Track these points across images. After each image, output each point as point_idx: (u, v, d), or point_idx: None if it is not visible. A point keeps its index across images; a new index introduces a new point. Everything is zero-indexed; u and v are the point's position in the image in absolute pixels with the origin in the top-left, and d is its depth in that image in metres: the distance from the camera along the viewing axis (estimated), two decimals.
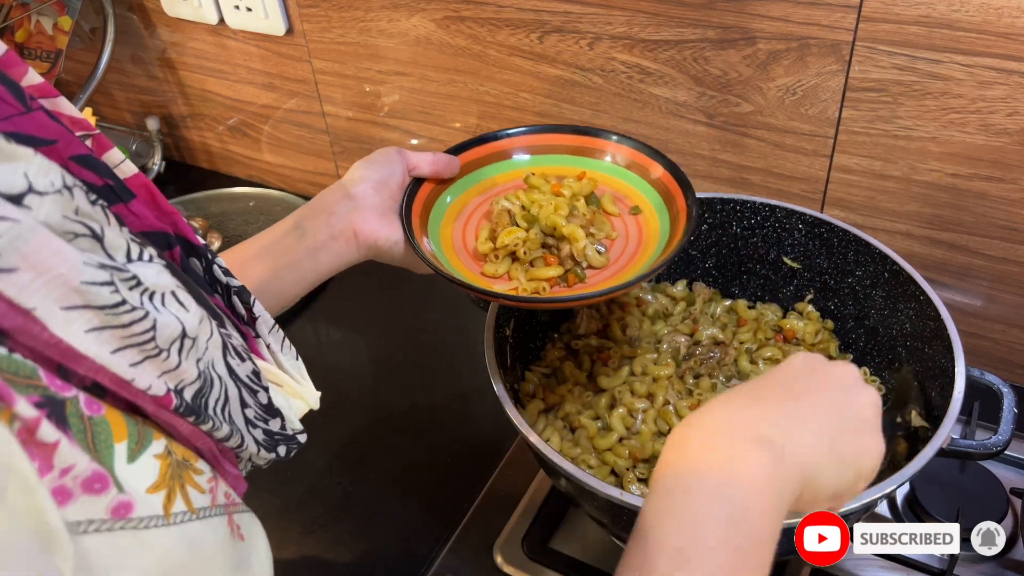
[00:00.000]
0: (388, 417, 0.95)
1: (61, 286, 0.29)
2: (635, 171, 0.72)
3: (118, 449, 0.31)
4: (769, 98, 0.85)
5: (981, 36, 0.71)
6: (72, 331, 0.29)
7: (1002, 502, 0.76)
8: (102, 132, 0.42)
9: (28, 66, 0.37)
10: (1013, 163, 0.77)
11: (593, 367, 0.80)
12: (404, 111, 1.11)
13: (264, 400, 0.44)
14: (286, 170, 1.31)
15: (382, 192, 0.65)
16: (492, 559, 0.78)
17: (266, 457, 0.44)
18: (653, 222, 0.69)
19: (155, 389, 0.33)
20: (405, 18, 1.01)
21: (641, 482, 0.70)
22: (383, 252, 0.65)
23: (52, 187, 0.30)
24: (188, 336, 0.35)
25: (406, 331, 1.06)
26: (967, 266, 0.85)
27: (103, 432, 0.30)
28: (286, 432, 0.46)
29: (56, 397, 0.28)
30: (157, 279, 0.34)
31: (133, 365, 0.32)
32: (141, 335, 0.32)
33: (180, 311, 0.35)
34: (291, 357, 0.50)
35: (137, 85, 1.35)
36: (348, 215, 0.63)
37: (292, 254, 0.62)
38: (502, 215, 0.68)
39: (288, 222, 0.63)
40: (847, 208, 0.88)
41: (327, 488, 0.87)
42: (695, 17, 0.83)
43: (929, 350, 0.69)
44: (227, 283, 0.45)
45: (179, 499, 0.33)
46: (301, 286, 0.63)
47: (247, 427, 0.42)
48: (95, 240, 0.32)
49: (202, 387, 0.37)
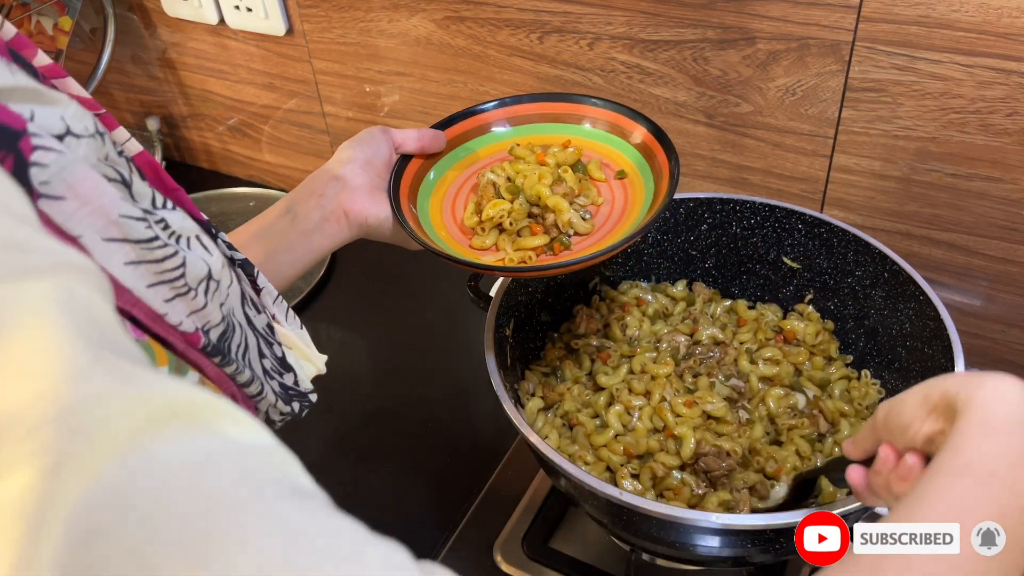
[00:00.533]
0: (388, 417, 0.95)
1: (102, 217, 0.30)
2: (618, 134, 0.72)
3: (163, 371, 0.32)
4: (769, 98, 0.85)
5: (981, 36, 0.71)
6: (113, 262, 0.31)
7: None
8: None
9: (37, 48, 0.38)
10: (1013, 163, 0.77)
11: (593, 366, 0.80)
12: (404, 111, 1.11)
13: (279, 353, 0.45)
14: (286, 170, 1.31)
15: (369, 171, 0.66)
16: (492, 559, 0.78)
17: (282, 410, 0.45)
18: (639, 185, 0.69)
19: (185, 326, 0.34)
20: (405, 18, 1.01)
21: (634, 478, 0.70)
22: (373, 229, 0.65)
23: (87, 131, 0.32)
24: (213, 278, 0.37)
25: (406, 331, 1.06)
26: (967, 266, 0.85)
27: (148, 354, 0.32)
28: (299, 388, 0.47)
29: None
30: (183, 223, 0.36)
31: (166, 301, 0.33)
32: (173, 271, 0.34)
33: (205, 254, 0.37)
34: (296, 327, 0.51)
35: (137, 85, 1.35)
36: (337, 196, 0.64)
37: (285, 237, 0.62)
38: (487, 188, 0.68)
39: (279, 206, 0.64)
40: (847, 208, 0.88)
41: (327, 487, 0.86)
42: (695, 17, 0.83)
43: (929, 350, 0.69)
44: (231, 256, 0.46)
45: None
46: (296, 268, 0.64)
47: (265, 376, 0.43)
48: (124, 186, 0.34)
49: (225, 330, 0.38)
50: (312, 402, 0.49)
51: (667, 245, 0.86)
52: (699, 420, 0.72)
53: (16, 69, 0.30)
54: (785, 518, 0.56)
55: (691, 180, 0.96)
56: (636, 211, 0.67)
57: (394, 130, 0.69)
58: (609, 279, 0.88)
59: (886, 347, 0.76)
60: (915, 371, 0.71)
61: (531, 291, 0.80)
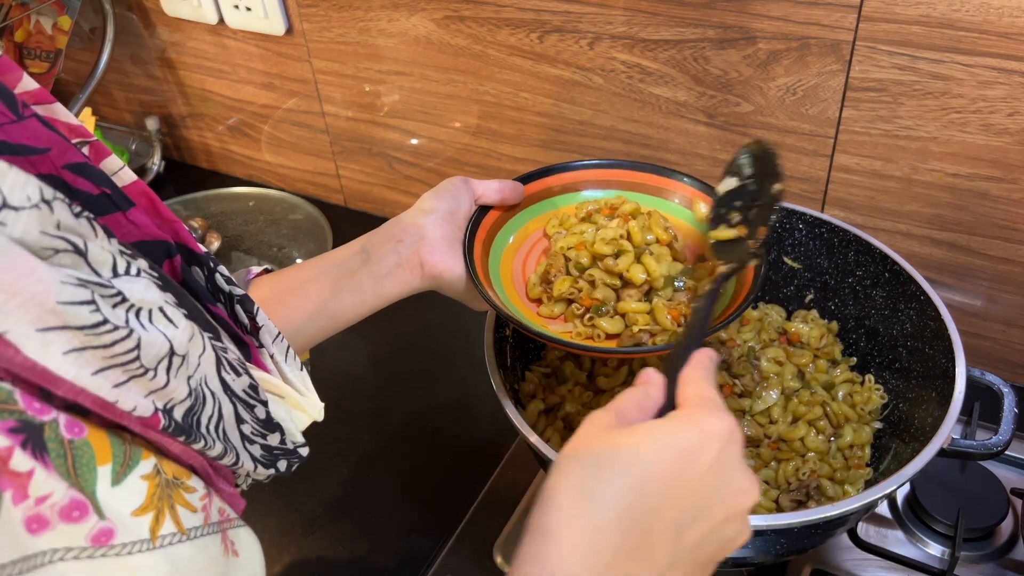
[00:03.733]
0: (388, 417, 0.95)
1: (36, 307, 0.27)
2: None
3: (101, 472, 0.30)
4: (769, 98, 0.84)
5: (981, 36, 0.71)
6: (49, 353, 0.28)
7: (1002, 502, 0.76)
8: (102, 132, 0.41)
9: (23, 71, 0.36)
10: (1013, 163, 0.77)
11: (593, 367, 0.80)
12: (404, 111, 1.11)
13: (262, 415, 0.42)
14: (286, 170, 1.31)
15: (451, 223, 0.64)
16: (492, 559, 0.78)
17: (264, 473, 0.43)
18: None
19: (141, 410, 0.32)
20: (405, 18, 1.01)
21: None
22: (446, 284, 0.63)
23: (28, 201, 0.28)
24: (176, 354, 0.34)
25: (406, 331, 1.06)
26: (967, 266, 0.85)
27: (85, 455, 0.29)
28: (286, 446, 0.45)
29: (33, 421, 0.28)
30: (144, 295, 0.33)
31: (117, 386, 0.31)
32: (124, 355, 0.31)
33: (168, 328, 0.34)
34: (295, 368, 0.49)
35: (137, 85, 1.35)
36: (416, 244, 0.62)
37: (355, 277, 0.61)
38: (557, 258, 0.65)
39: (354, 246, 0.62)
40: (847, 208, 0.88)
41: (327, 488, 0.87)
42: (695, 17, 0.83)
43: (929, 350, 0.69)
44: (230, 292, 0.45)
45: (168, 520, 0.32)
46: (360, 310, 0.62)
47: (243, 443, 0.41)
48: (78, 255, 0.30)
49: (193, 405, 0.35)
50: (303, 457, 0.47)
51: None
52: None
53: None
54: (785, 518, 0.56)
55: None
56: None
57: (475, 181, 0.67)
58: None
59: (887, 347, 0.76)
60: (916, 371, 0.71)
61: None
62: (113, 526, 0.30)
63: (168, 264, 0.42)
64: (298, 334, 0.59)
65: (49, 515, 0.27)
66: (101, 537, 0.29)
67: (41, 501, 0.27)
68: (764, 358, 0.79)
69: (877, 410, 0.75)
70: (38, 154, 0.35)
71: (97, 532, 0.29)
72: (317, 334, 0.61)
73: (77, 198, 0.37)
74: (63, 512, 0.28)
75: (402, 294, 0.63)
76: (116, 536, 0.29)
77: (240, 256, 1.19)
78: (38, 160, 0.35)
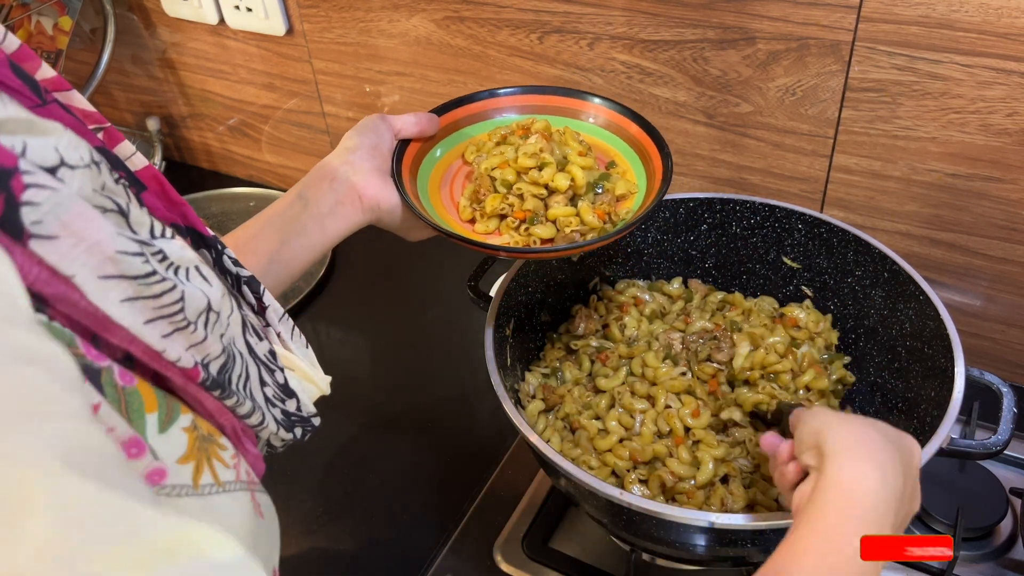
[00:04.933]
0: (388, 417, 0.95)
1: (98, 254, 0.29)
2: (613, 130, 0.73)
3: (149, 419, 0.31)
4: (769, 98, 0.85)
5: (981, 36, 0.71)
6: (109, 300, 0.30)
7: (1002, 502, 0.76)
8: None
9: (41, 60, 0.37)
10: (1012, 163, 0.77)
11: (593, 367, 0.80)
12: (404, 111, 1.11)
13: (281, 380, 0.45)
14: (286, 170, 1.31)
15: (377, 156, 0.66)
16: (492, 559, 0.78)
17: (284, 437, 0.44)
18: (629, 173, 0.71)
19: (184, 361, 0.33)
20: (405, 18, 1.01)
21: (642, 483, 0.70)
22: (385, 214, 0.66)
23: (82, 161, 0.30)
24: (213, 310, 0.36)
25: (406, 331, 1.06)
26: (967, 266, 0.85)
27: (136, 402, 0.31)
28: (301, 414, 0.46)
29: (93, 366, 0.29)
30: (182, 253, 0.35)
31: (164, 336, 0.32)
32: (171, 306, 0.33)
33: (204, 285, 0.36)
34: (301, 345, 0.50)
35: (137, 85, 1.35)
36: (350, 179, 0.64)
37: (298, 222, 0.62)
38: (483, 179, 0.69)
39: (291, 194, 0.64)
40: (847, 208, 0.88)
41: (327, 487, 0.87)
42: (695, 17, 0.83)
43: (929, 350, 0.69)
44: (237, 273, 0.46)
45: (207, 471, 0.34)
46: (310, 254, 0.63)
47: (267, 405, 0.42)
48: (121, 216, 0.33)
49: (226, 362, 0.37)
50: (315, 426, 0.48)
51: (667, 245, 0.86)
52: (705, 432, 0.72)
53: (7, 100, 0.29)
54: (785, 518, 0.56)
55: (691, 180, 0.96)
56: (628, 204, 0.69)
57: (392, 117, 0.70)
58: (609, 279, 0.88)
59: (886, 347, 0.76)
60: (915, 371, 0.71)
61: (531, 291, 0.80)
62: (165, 467, 0.31)
63: None
64: None
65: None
66: (155, 476, 0.30)
67: (109, 431, 0.28)
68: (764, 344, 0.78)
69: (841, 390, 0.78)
70: None
71: (152, 470, 0.30)
72: (273, 284, 0.62)
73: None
74: (125, 446, 0.29)
75: (346, 231, 0.65)
76: (168, 477, 0.31)
77: None
78: None
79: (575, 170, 0.67)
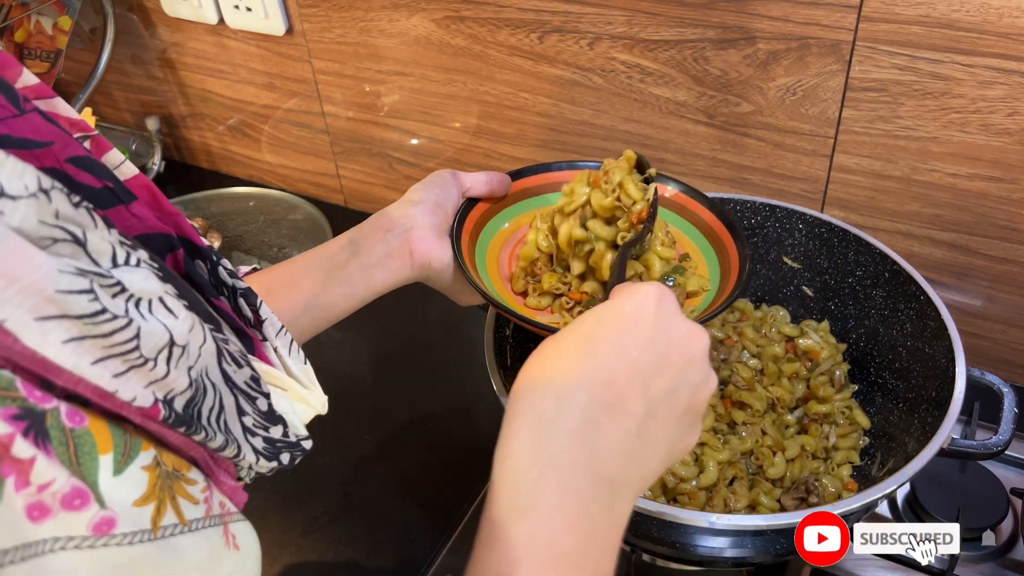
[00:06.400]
0: (388, 417, 0.95)
1: (35, 295, 0.27)
2: (688, 217, 0.69)
3: (103, 461, 0.30)
4: (769, 98, 0.85)
5: (981, 36, 0.71)
6: (48, 342, 0.28)
7: (1002, 502, 0.76)
8: (102, 132, 0.41)
9: (23, 67, 0.36)
10: (1013, 163, 0.77)
11: None
12: (404, 111, 1.11)
13: (264, 407, 0.42)
14: (286, 170, 1.31)
15: (439, 213, 0.64)
16: None
17: (267, 466, 0.43)
18: (702, 267, 0.67)
19: (141, 400, 0.31)
20: (405, 18, 1.01)
21: None
22: (435, 273, 0.64)
23: (26, 190, 0.28)
24: (177, 344, 0.34)
25: (406, 331, 1.06)
26: (967, 266, 0.85)
27: (87, 444, 0.29)
28: (288, 439, 0.44)
29: (35, 409, 0.27)
30: (143, 284, 0.33)
31: (117, 376, 0.30)
32: (124, 344, 0.31)
33: (168, 318, 0.34)
34: (299, 361, 0.49)
35: (137, 85, 1.35)
36: (405, 233, 0.62)
37: (345, 268, 0.61)
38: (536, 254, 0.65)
39: (343, 239, 0.62)
40: (847, 208, 0.88)
41: (327, 488, 0.87)
42: (695, 17, 0.83)
43: (929, 350, 0.69)
44: (233, 285, 0.45)
45: (169, 511, 0.32)
46: (352, 302, 0.62)
47: (245, 435, 0.40)
48: (77, 245, 0.30)
49: (194, 396, 0.35)
50: (306, 450, 0.46)
51: None
52: (709, 436, 0.72)
53: None
54: (785, 518, 0.56)
55: (691, 180, 0.95)
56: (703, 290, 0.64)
57: (462, 173, 0.67)
58: None
59: (887, 347, 0.76)
60: (916, 371, 0.71)
61: None
62: (115, 515, 0.29)
63: (171, 257, 0.42)
64: (290, 327, 0.58)
65: (51, 503, 0.27)
66: (103, 526, 0.29)
67: (43, 489, 0.27)
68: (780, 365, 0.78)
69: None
70: (41, 147, 0.34)
71: (99, 521, 0.29)
72: (309, 327, 0.61)
73: (80, 191, 0.36)
74: (65, 500, 0.28)
75: (392, 284, 0.63)
76: (118, 526, 0.29)
77: (240, 256, 1.19)
78: (41, 153, 0.35)
79: (652, 260, 0.63)
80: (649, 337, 0.41)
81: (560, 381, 0.40)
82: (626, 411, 0.40)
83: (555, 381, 0.40)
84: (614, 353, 0.41)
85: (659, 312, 0.42)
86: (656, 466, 0.42)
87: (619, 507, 0.40)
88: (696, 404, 0.43)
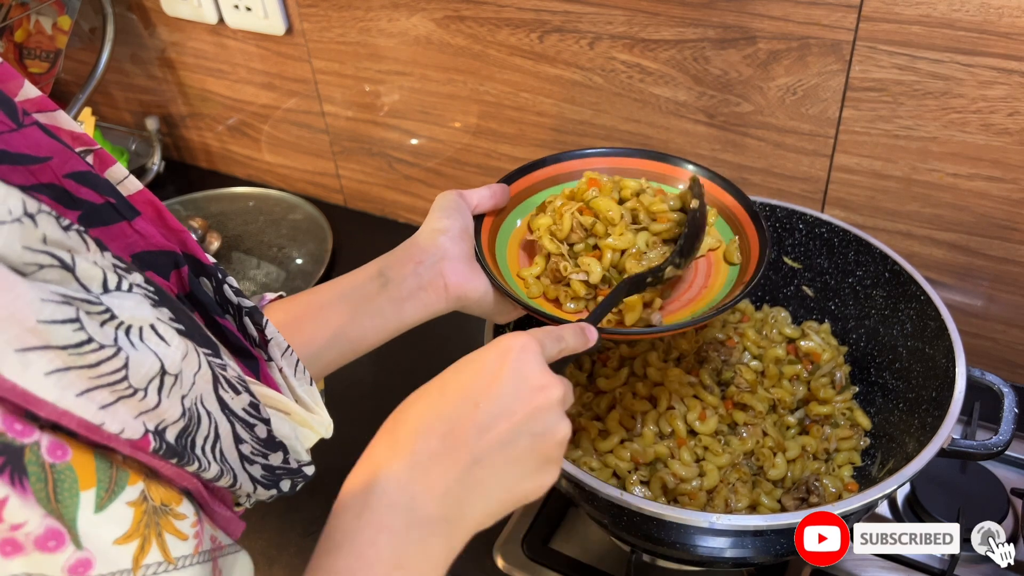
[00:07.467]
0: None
1: (15, 326, 0.26)
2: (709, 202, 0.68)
3: (84, 498, 0.29)
4: (769, 98, 0.84)
5: (982, 36, 0.71)
6: (30, 374, 0.27)
7: (1002, 502, 0.76)
8: (101, 132, 0.41)
9: (24, 79, 0.35)
10: (1014, 163, 0.77)
11: (593, 367, 0.80)
12: (404, 111, 1.11)
13: (263, 434, 0.41)
14: (286, 170, 1.31)
15: (466, 240, 0.62)
16: (492, 559, 0.78)
17: (266, 494, 0.42)
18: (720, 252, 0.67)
19: (129, 432, 0.30)
20: (405, 18, 1.01)
21: (644, 484, 0.70)
22: (472, 303, 0.62)
23: (9, 215, 0.27)
24: (168, 373, 0.33)
25: (406, 331, 1.06)
26: (968, 266, 0.85)
27: (67, 480, 0.28)
28: (289, 466, 0.44)
29: (13, 444, 0.27)
30: (134, 311, 0.32)
31: (104, 407, 0.29)
32: (111, 375, 0.30)
33: (159, 346, 0.33)
34: (305, 382, 0.48)
35: (137, 85, 1.35)
36: (437, 265, 0.60)
37: (375, 302, 0.59)
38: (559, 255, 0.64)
39: (371, 269, 0.60)
40: (848, 208, 0.88)
41: (327, 488, 0.86)
42: (695, 17, 0.83)
43: (930, 350, 0.69)
44: (238, 303, 0.44)
45: (154, 549, 0.31)
46: (381, 335, 0.60)
47: (242, 464, 0.39)
48: (65, 270, 0.29)
49: (187, 425, 0.34)
50: (308, 476, 0.46)
51: None
52: (712, 440, 0.72)
53: None
54: (785, 518, 0.56)
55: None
56: (722, 274, 0.64)
57: (467, 193, 0.64)
58: None
59: (887, 347, 0.76)
60: (916, 371, 0.71)
61: None
62: (92, 556, 0.29)
63: (176, 275, 0.41)
64: (316, 360, 0.57)
65: (24, 542, 0.27)
66: (79, 568, 0.28)
67: (16, 528, 0.26)
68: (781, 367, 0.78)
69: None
70: (38, 163, 0.34)
71: (75, 563, 0.28)
72: (336, 359, 0.59)
73: (80, 207, 0.36)
74: (38, 541, 0.27)
75: (425, 317, 0.61)
76: (95, 567, 0.29)
77: (240, 256, 1.19)
78: (38, 169, 0.34)
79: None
80: (497, 390, 0.44)
81: (403, 429, 0.43)
82: (453, 459, 0.42)
83: (403, 425, 0.43)
84: (460, 405, 0.43)
85: (516, 363, 0.44)
86: (492, 507, 0.44)
87: (437, 543, 0.43)
88: (542, 450, 0.44)
